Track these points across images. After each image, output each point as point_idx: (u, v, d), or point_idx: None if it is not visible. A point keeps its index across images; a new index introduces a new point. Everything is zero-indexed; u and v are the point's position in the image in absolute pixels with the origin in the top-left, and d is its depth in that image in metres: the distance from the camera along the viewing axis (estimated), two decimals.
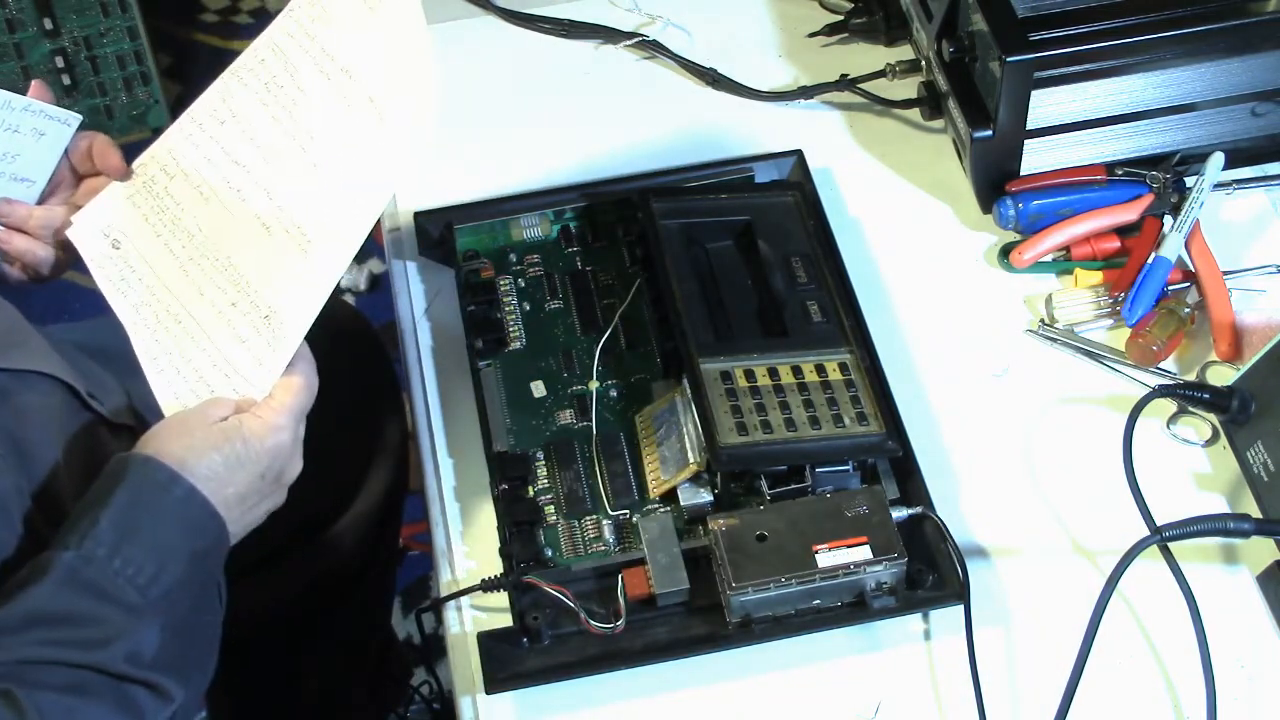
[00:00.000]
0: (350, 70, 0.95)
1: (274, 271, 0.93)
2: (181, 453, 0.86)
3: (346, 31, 0.96)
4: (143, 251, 0.96)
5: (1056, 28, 1.06)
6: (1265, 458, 0.96)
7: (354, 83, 0.95)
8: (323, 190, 0.94)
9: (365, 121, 0.94)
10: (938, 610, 0.94)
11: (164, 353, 0.94)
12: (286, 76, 0.96)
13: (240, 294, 0.93)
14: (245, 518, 0.90)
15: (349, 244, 0.93)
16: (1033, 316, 1.10)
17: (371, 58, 0.95)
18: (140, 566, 0.83)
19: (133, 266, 0.96)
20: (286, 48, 0.97)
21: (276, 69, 0.97)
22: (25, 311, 1.04)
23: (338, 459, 1.27)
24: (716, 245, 1.10)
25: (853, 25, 1.30)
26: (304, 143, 0.95)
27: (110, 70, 2.29)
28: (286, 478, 0.92)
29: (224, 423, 0.89)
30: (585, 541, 0.98)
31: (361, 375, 1.31)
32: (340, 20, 0.96)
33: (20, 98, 0.97)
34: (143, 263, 0.96)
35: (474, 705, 0.93)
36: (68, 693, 0.79)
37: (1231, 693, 0.90)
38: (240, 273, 0.94)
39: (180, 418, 0.90)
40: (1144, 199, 1.12)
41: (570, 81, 1.30)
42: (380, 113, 0.94)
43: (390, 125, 0.94)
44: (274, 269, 0.93)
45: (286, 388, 0.91)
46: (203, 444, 0.87)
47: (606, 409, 1.04)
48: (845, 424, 0.97)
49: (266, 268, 0.93)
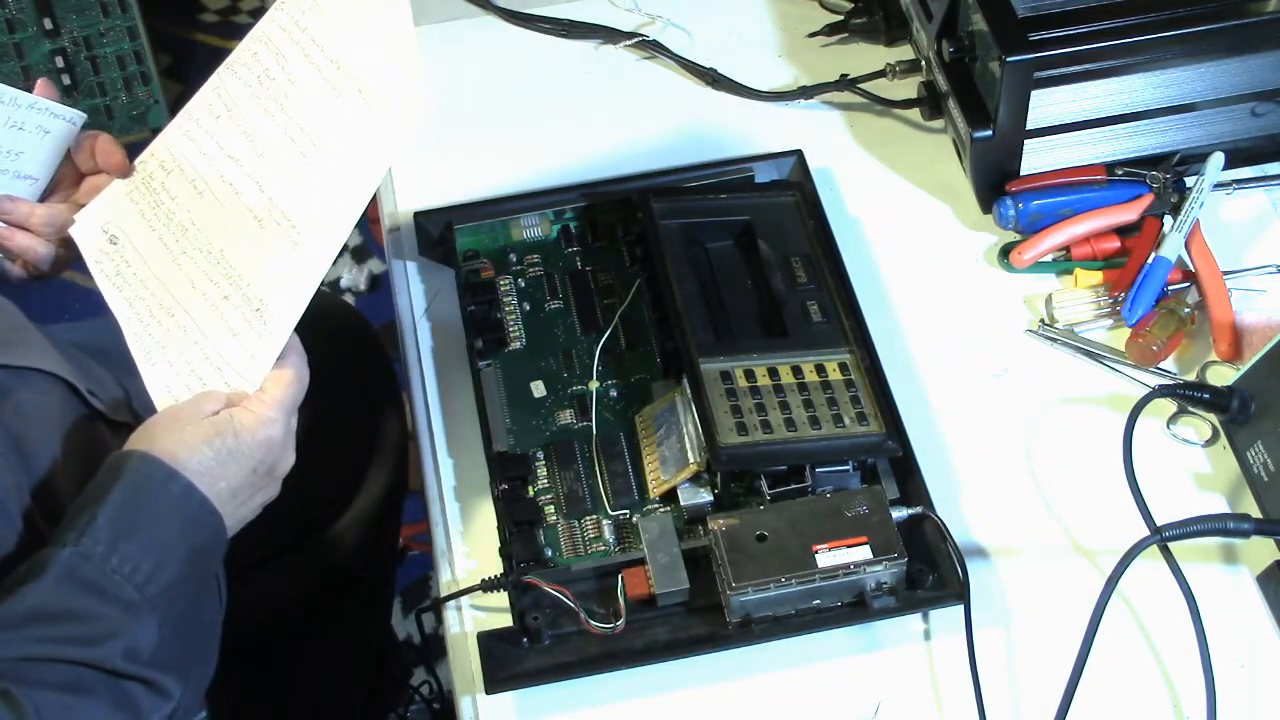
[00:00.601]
0: (339, 61, 0.95)
1: (265, 264, 0.93)
2: (173, 448, 0.86)
3: (336, 23, 0.96)
4: (139, 247, 0.97)
5: (1056, 28, 1.06)
6: (1265, 458, 0.96)
7: (342, 74, 0.95)
8: (311, 181, 0.94)
9: (353, 112, 0.94)
10: (938, 610, 0.94)
11: (157, 346, 0.94)
12: (278, 69, 0.97)
13: (232, 287, 0.93)
14: (239, 511, 0.90)
15: (336, 235, 0.93)
16: (1033, 316, 1.10)
17: (360, 49, 0.95)
18: (138, 563, 0.83)
19: (129, 261, 0.96)
20: (278, 40, 0.97)
21: (269, 62, 0.97)
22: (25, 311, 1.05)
23: (338, 459, 1.27)
24: (716, 245, 1.10)
25: (853, 25, 1.30)
26: (294, 134, 0.95)
27: (110, 70, 2.29)
28: (279, 470, 0.93)
29: (215, 416, 0.89)
30: (585, 541, 0.98)
31: (361, 375, 1.31)
32: (330, 12, 0.96)
33: (27, 95, 0.97)
34: (138, 258, 0.96)
35: (474, 705, 0.93)
36: (65, 691, 0.79)
37: (1231, 693, 0.90)
38: (232, 265, 0.94)
39: (171, 412, 0.90)
40: (1144, 199, 1.12)
41: (570, 81, 1.30)
42: (368, 103, 0.94)
43: (378, 116, 0.94)
44: (265, 261, 0.93)
45: (277, 380, 0.91)
46: (194, 438, 0.87)
47: (606, 409, 1.04)
48: (845, 424, 0.97)
49: (258, 260, 0.93)
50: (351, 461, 1.30)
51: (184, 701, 0.87)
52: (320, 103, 0.95)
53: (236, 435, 0.88)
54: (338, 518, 1.29)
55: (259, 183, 0.95)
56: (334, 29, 0.96)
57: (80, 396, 1.01)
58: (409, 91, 0.94)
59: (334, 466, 1.27)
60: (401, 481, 1.36)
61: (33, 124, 0.97)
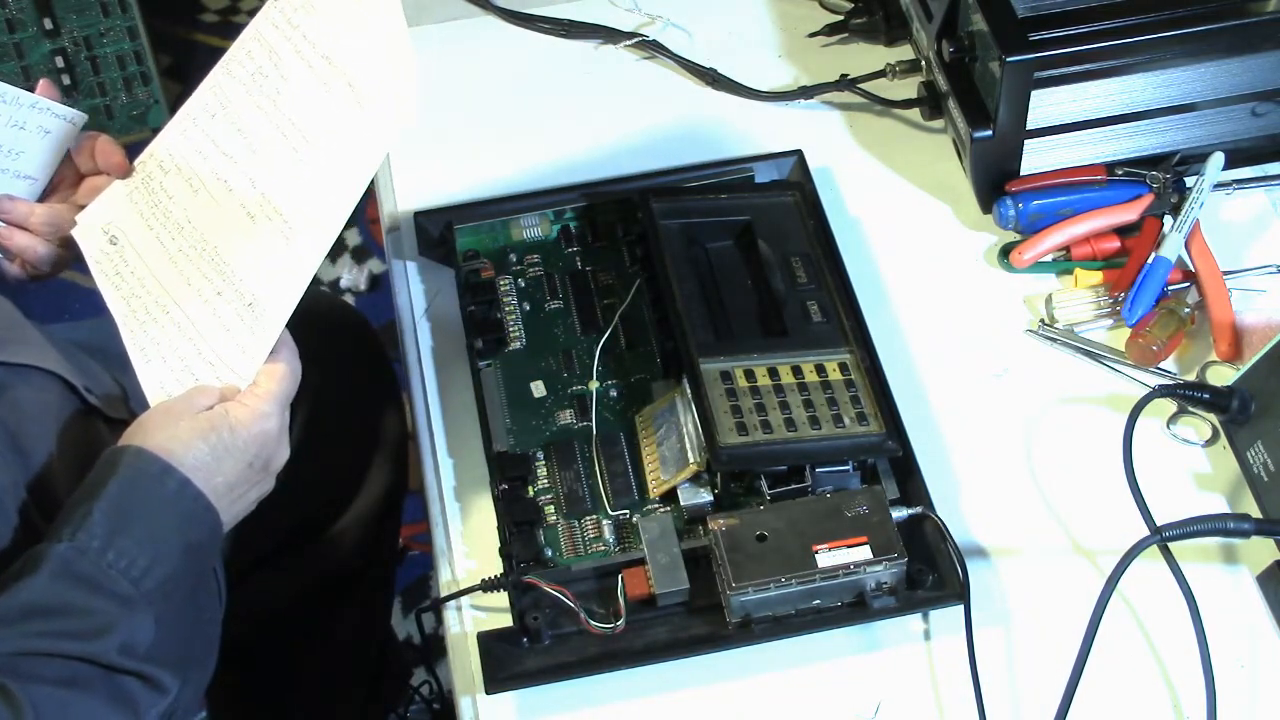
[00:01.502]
0: (330, 56, 0.95)
1: (257, 259, 0.93)
2: (168, 443, 0.86)
3: (328, 19, 0.96)
4: (138, 246, 0.97)
5: (1056, 28, 1.06)
6: (1265, 458, 0.96)
7: (333, 68, 0.95)
8: (303, 177, 0.94)
9: (345, 108, 0.95)
10: (938, 610, 0.94)
11: (151, 343, 0.94)
12: (271, 66, 0.97)
13: (225, 282, 0.93)
14: (234, 507, 0.90)
15: (328, 230, 0.93)
16: (1033, 316, 1.10)
17: (351, 44, 0.95)
18: (133, 558, 0.83)
19: (127, 260, 0.97)
20: (270, 37, 0.97)
21: (262, 59, 0.97)
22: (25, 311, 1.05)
23: (338, 459, 1.27)
24: (716, 245, 1.10)
25: (853, 25, 1.30)
26: (286, 130, 0.96)
27: (110, 70, 2.29)
28: (275, 465, 0.93)
29: (210, 411, 0.89)
30: (585, 541, 0.98)
31: (361, 375, 1.31)
32: (322, 9, 0.96)
33: (28, 94, 0.97)
34: (137, 257, 0.96)
35: (474, 705, 0.93)
36: (62, 685, 0.79)
37: (1231, 693, 0.90)
38: (225, 261, 0.94)
39: (165, 407, 0.90)
40: (1144, 199, 1.12)
41: (570, 81, 1.30)
42: (359, 98, 0.94)
43: (370, 111, 0.94)
44: (258, 257, 0.93)
45: (271, 374, 0.91)
46: (189, 433, 0.87)
47: (606, 409, 1.04)
48: (845, 424, 0.97)
49: (250, 256, 0.94)
50: (351, 461, 1.30)
51: (183, 699, 0.87)
52: (312, 98, 0.96)
53: (232, 430, 0.88)
54: (338, 518, 1.29)
55: (252, 179, 0.95)
56: (326, 25, 0.96)
57: (77, 394, 1.01)
58: (401, 88, 0.94)
59: (334, 466, 1.27)
60: (401, 482, 1.36)
61: (34, 124, 0.97)
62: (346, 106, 0.94)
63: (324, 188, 0.94)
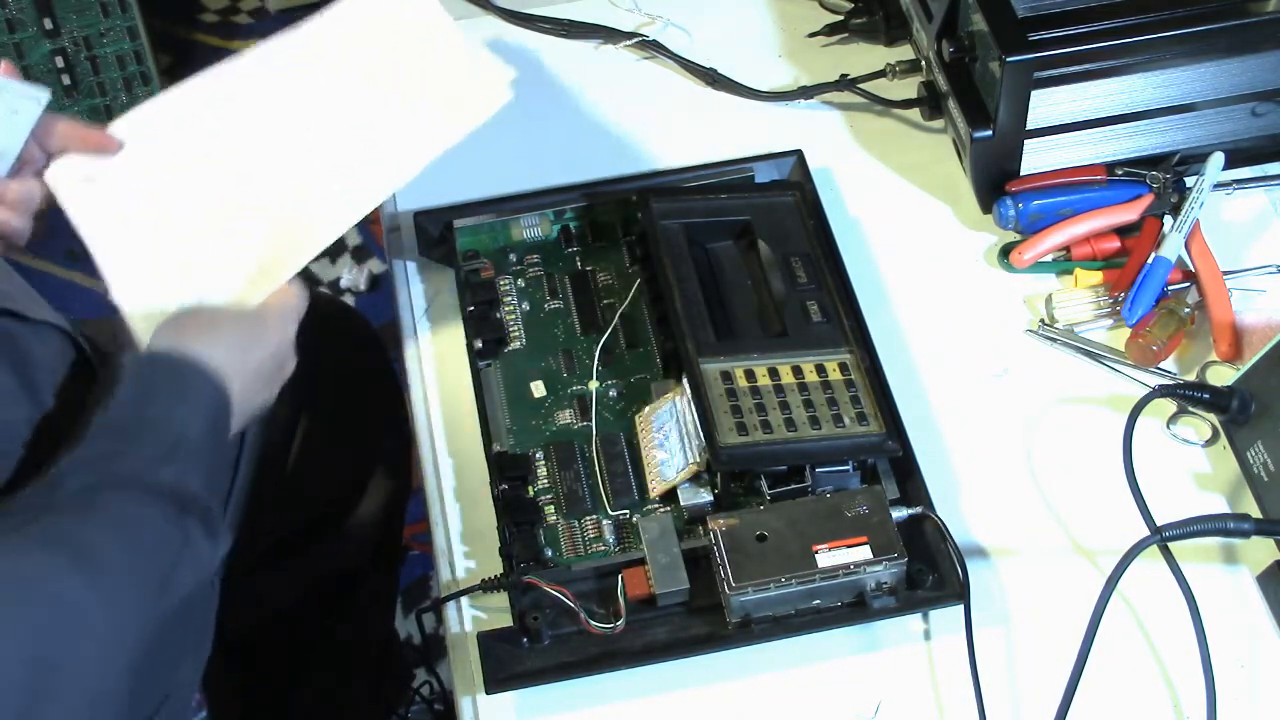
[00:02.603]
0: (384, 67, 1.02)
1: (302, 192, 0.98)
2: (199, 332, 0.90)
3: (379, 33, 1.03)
4: (131, 182, 1.00)
5: (1056, 28, 1.06)
6: (1265, 458, 0.96)
7: (391, 74, 1.02)
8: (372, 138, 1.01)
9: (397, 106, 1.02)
10: (938, 610, 0.94)
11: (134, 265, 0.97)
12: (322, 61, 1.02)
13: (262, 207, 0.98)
14: (257, 397, 0.94)
15: (385, 183, 1.00)
16: (1033, 316, 1.11)
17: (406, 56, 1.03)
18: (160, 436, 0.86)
19: (116, 194, 0.99)
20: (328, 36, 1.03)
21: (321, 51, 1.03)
22: None
23: (339, 459, 1.27)
24: (716, 245, 1.10)
25: (853, 25, 1.30)
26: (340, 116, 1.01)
27: (110, 70, 2.29)
28: (286, 370, 0.96)
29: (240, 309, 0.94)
30: (585, 541, 0.98)
31: (362, 376, 1.31)
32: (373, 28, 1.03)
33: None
34: (131, 193, 1.00)
35: (474, 705, 0.93)
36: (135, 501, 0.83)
37: (1231, 693, 0.90)
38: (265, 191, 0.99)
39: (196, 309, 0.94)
40: (1144, 199, 1.12)
41: (570, 81, 1.30)
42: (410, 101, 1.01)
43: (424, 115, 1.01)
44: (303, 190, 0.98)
45: (284, 291, 0.96)
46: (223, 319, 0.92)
47: (606, 409, 1.04)
48: (845, 424, 0.97)
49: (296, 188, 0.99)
50: (353, 462, 1.30)
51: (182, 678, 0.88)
52: (366, 92, 1.02)
53: (261, 317, 0.93)
54: (339, 518, 1.29)
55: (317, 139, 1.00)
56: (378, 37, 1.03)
57: (85, 357, 1.02)
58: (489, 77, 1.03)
59: (335, 467, 1.27)
60: (404, 481, 1.36)
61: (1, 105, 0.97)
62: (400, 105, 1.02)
63: (390, 149, 1.00)
